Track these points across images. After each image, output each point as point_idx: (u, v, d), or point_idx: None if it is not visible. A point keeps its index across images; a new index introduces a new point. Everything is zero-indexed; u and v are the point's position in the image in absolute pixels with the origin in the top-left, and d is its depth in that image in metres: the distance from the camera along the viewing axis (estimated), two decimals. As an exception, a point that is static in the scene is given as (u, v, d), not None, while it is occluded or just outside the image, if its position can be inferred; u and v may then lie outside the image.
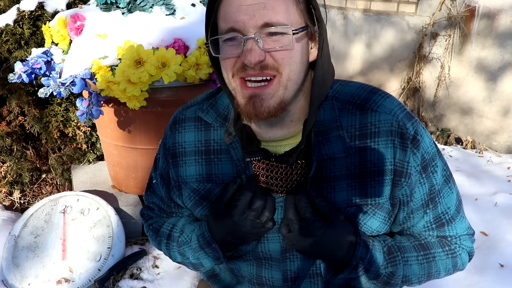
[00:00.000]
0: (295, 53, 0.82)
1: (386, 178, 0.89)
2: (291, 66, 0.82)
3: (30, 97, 2.38)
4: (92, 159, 2.55)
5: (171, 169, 1.03)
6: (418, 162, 0.90)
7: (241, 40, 0.80)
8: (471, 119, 3.88)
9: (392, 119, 0.88)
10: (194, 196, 1.00)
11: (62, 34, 1.88)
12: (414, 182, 0.90)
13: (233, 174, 0.96)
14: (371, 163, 0.88)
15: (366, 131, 0.88)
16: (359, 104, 0.90)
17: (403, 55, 4.13)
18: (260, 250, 0.98)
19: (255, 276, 1.02)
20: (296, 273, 0.98)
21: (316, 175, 0.90)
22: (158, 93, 1.83)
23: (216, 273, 1.16)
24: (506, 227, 2.36)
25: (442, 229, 0.97)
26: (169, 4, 1.89)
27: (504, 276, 2.03)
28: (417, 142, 0.89)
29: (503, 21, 3.56)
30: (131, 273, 1.94)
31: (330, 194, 0.90)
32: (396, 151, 0.88)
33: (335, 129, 0.89)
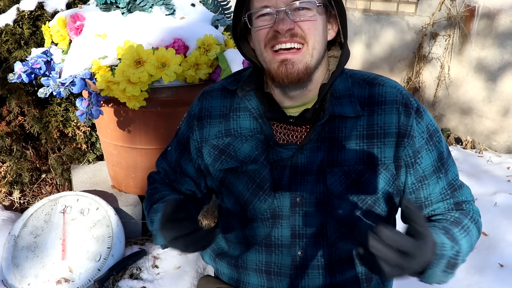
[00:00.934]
0: (318, 25, 0.96)
1: (391, 140, 0.99)
2: (315, 36, 0.95)
3: (29, 97, 2.38)
4: (91, 159, 2.55)
5: (195, 132, 1.11)
6: (423, 130, 1.01)
7: (274, 13, 0.94)
8: (471, 119, 3.88)
9: (397, 92, 1.01)
10: (214, 151, 1.08)
11: (61, 34, 1.88)
12: (419, 147, 1.00)
13: (250, 128, 1.05)
14: (377, 126, 0.99)
15: (374, 100, 1.01)
16: (368, 81, 1.03)
17: (403, 55, 4.13)
18: (277, 205, 1.03)
19: (265, 237, 1.07)
20: (304, 230, 1.03)
21: (329, 135, 1.00)
22: (157, 93, 1.83)
23: (224, 251, 1.19)
24: (506, 227, 2.36)
25: (456, 195, 1.05)
26: (169, 4, 1.89)
27: (504, 276, 2.03)
28: (420, 113, 1.01)
29: (502, 21, 3.56)
30: (131, 273, 1.94)
31: (340, 152, 1.00)
32: (400, 116, 0.99)
33: (347, 96, 1.01)
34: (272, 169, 1.02)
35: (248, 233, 1.10)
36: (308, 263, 1.05)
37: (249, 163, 1.04)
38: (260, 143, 1.04)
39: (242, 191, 1.06)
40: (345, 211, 1.01)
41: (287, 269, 1.07)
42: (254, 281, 1.12)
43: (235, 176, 1.06)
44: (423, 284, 0.96)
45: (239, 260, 1.13)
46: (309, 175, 1.01)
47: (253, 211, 1.06)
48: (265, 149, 1.03)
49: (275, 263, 1.08)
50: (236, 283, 1.17)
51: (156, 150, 2.08)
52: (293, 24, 0.93)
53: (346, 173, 0.99)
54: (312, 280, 1.06)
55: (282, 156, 1.02)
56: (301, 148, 1.00)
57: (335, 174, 0.99)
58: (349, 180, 0.99)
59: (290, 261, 1.06)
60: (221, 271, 1.20)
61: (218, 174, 1.09)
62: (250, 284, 1.13)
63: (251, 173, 1.04)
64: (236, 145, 1.06)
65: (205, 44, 1.80)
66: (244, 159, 1.04)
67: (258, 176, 1.03)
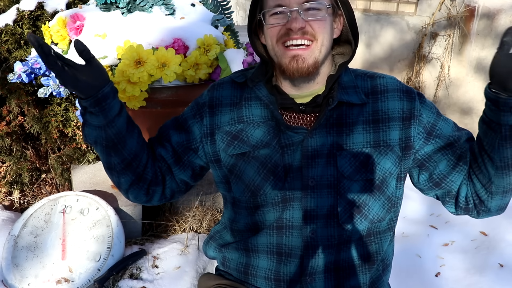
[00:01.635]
0: (327, 24, 1.05)
1: (396, 124, 1.07)
2: (324, 34, 1.04)
3: (29, 97, 2.38)
4: (91, 159, 2.55)
5: (205, 118, 1.16)
6: (430, 107, 1.11)
7: (287, 12, 1.02)
8: (470, 119, 3.88)
9: (397, 82, 1.12)
10: (227, 137, 1.13)
11: (61, 34, 1.88)
12: (432, 121, 1.10)
13: (262, 115, 1.11)
14: (382, 112, 1.08)
15: (377, 89, 1.10)
16: (369, 75, 1.14)
17: (402, 55, 4.13)
18: (288, 189, 1.08)
19: (277, 220, 1.09)
20: (315, 212, 1.07)
21: (337, 121, 1.08)
22: (157, 93, 1.83)
23: (230, 242, 1.22)
24: (505, 227, 2.36)
25: (468, 137, 1.18)
26: (169, 4, 1.89)
27: (503, 276, 2.04)
28: (422, 97, 1.11)
29: (502, 21, 3.56)
30: (131, 273, 1.94)
31: (348, 136, 1.07)
32: (403, 102, 1.08)
33: (352, 87, 1.10)
34: (283, 153, 1.07)
35: (257, 218, 1.13)
36: (318, 244, 1.08)
37: (261, 147, 1.09)
38: (271, 129, 1.09)
39: (253, 176, 1.10)
40: (355, 191, 1.07)
41: (298, 250, 1.09)
42: (264, 264, 1.14)
43: (246, 161, 1.10)
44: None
45: (249, 244, 1.15)
46: (320, 158, 1.06)
47: (263, 196, 1.09)
48: (277, 133, 1.08)
49: (286, 244, 1.10)
50: (244, 267, 1.18)
51: (156, 150, 2.08)
52: (304, 23, 1.02)
53: (355, 155, 1.06)
54: (320, 260, 1.09)
55: (293, 140, 1.07)
56: (311, 133, 1.06)
57: (345, 157, 1.06)
58: (358, 162, 1.06)
59: (301, 242, 1.09)
60: (228, 257, 1.22)
61: (229, 160, 1.13)
62: (259, 267, 1.15)
63: (262, 158, 1.09)
64: (248, 131, 1.11)
65: (205, 44, 1.80)
66: (256, 143, 1.10)
67: (270, 161, 1.08)
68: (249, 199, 1.12)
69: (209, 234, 1.32)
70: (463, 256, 2.20)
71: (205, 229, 2.29)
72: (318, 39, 1.04)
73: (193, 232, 2.26)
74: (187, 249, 2.10)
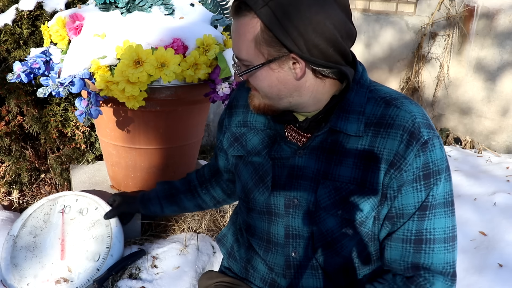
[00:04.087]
0: (258, 82, 0.97)
1: (383, 167, 0.94)
2: (261, 89, 0.98)
3: (29, 97, 2.38)
4: (91, 159, 2.54)
5: (226, 118, 1.22)
6: (418, 166, 0.93)
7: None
8: (470, 119, 3.88)
9: (410, 119, 0.94)
10: (231, 137, 1.17)
11: (61, 34, 1.88)
12: (405, 182, 0.94)
13: (264, 122, 1.11)
14: (377, 150, 0.95)
15: (383, 121, 0.95)
16: (387, 100, 0.97)
17: (402, 55, 4.14)
18: (273, 203, 1.07)
19: (266, 232, 1.11)
20: (297, 232, 1.06)
21: (330, 147, 1.00)
22: (157, 93, 1.83)
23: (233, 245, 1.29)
24: (505, 227, 2.36)
25: (419, 249, 0.96)
26: (168, 4, 1.89)
27: (503, 276, 2.04)
28: (425, 147, 0.93)
29: (502, 21, 3.56)
30: (130, 273, 1.94)
31: (337, 166, 0.98)
32: (400, 145, 0.93)
33: (357, 112, 0.97)
34: (274, 164, 1.07)
35: (250, 221, 1.15)
36: (301, 264, 1.07)
37: (254, 154, 1.10)
38: (267, 138, 1.09)
39: (247, 179, 1.12)
40: (330, 225, 1.01)
41: (280, 268, 1.10)
42: (261, 268, 1.16)
43: (243, 164, 1.13)
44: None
45: (249, 243, 1.19)
46: (304, 180, 1.02)
47: (253, 201, 1.11)
48: (270, 144, 1.08)
49: (270, 261, 1.12)
50: (245, 263, 1.21)
51: (155, 150, 2.08)
52: (240, 78, 0.99)
53: (337, 188, 0.98)
54: (306, 281, 1.08)
55: (282, 155, 1.05)
56: (301, 152, 1.02)
57: (326, 187, 0.99)
58: (338, 197, 0.98)
59: (283, 261, 1.09)
60: (235, 248, 1.26)
61: (232, 159, 1.19)
62: (257, 270, 1.17)
63: (255, 164, 1.10)
64: (248, 136, 1.13)
65: (204, 44, 1.80)
66: (251, 150, 1.11)
67: (262, 169, 1.08)
68: (244, 199, 1.15)
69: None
70: (462, 256, 2.20)
71: (204, 229, 2.29)
72: (259, 90, 0.99)
73: (192, 232, 2.26)
74: (186, 249, 2.10)
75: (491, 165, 3.38)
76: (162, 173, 2.15)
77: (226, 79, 1.85)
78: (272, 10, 0.87)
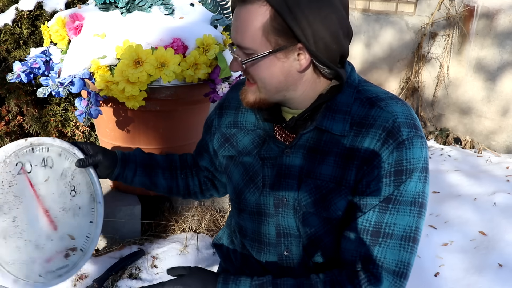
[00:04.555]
0: (260, 72, 0.95)
1: (358, 164, 0.95)
2: (260, 81, 0.97)
3: (28, 97, 2.38)
4: (91, 159, 2.55)
5: (216, 119, 1.20)
6: (391, 162, 0.92)
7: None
8: (470, 119, 3.88)
9: (390, 119, 0.94)
10: (221, 138, 1.16)
11: (60, 34, 1.88)
12: (375, 177, 0.93)
13: (254, 122, 1.10)
14: (356, 149, 0.95)
15: (365, 121, 0.96)
16: (372, 100, 0.98)
17: (402, 55, 4.14)
18: (263, 202, 1.07)
19: (257, 233, 1.11)
20: (288, 230, 1.05)
21: (315, 145, 1.00)
22: (157, 93, 1.83)
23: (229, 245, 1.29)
24: (505, 227, 2.36)
25: (375, 242, 0.94)
26: (168, 4, 1.89)
27: (503, 276, 2.04)
28: (402, 146, 0.92)
29: (502, 21, 3.56)
30: (130, 273, 1.94)
31: (319, 165, 0.99)
32: (377, 143, 0.93)
33: (343, 112, 0.98)
34: (263, 164, 1.07)
35: (241, 222, 1.15)
36: (294, 262, 1.08)
37: (244, 154, 1.10)
38: (257, 138, 1.09)
39: (238, 180, 1.12)
40: (312, 224, 1.01)
41: (275, 269, 1.10)
42: (257, 268, 1.15)
43: (234, 165, 1.13)
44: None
45: (242, 245, 1.19)
46: (291, 179, 1.02)
47: (244, 201, 1.11)
48: (260, 144, 1.08)
49: (264, 261, 1.12)
50: (241, 264, 1.20)
51: (155, 150, 2.08)
52: (241, 67, 0.97)
53: (318, 187, 0.98)
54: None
55: (271, 154, 1.06)
56: (288, 151, 1.02)
57: (308, 185, 0.99)
58: (318, 195, 0.98)
59: (276, 259, 1.09)
60: (231, 250, 1.25)
61: (222, 160, 1.17)
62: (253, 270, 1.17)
63: (246, 165, 1.10)
64: (239, 137, 1.12)
65: (204, 44, 1.80)
66: (242, 150, 1.11)
67: (252, 169, 1.08)
68: (236, 200, 1.14)
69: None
70: (462, 256, 2.20)
71: (204, 229, 2.29)
72: (257, 82, 0.97)
73: (192, 232, 2.26)
74: (186, 249, 2.10)
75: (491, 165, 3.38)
76: (162, 173, 2.15)
77: (226, 79, 1.85)
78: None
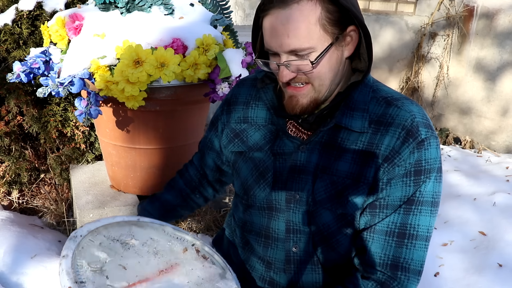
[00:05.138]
0: (322, 68, 0.93)
1: (378, 161, 0.96)
2: (319, 78, 0.95)
3: (28, 97, 2.38)
4: (90, 159, 2.54)
5: (224, 115, 1.19)
6: (411, 162, 0.95)
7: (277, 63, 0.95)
8: (469, 119, 3.88)
9: (409, 118, 0.96)
10: (230, 133, 1.15)
11: (60, 34, 1.88)
12: (395, 175, 0.95)
13: (265, 118, 1.10)
14: (375, 146, 0.96)
15: (383, 119, 0.97)
16: (388, 100, 1.00)
17: (401, 55, 4.14)
18: (274, 198, 1.07)
19: (265, 228, 1.10)
20: (298, 227, 1.05)
21: (331, 142, 1.00)
22: (156, 93, 1.83)
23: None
24: (504, 227, 2.36)
25: (401, 243, 0.96)
26: (168, 4, 1.89)
27: (502, 276, 2.04)
28: (421, 145, 0.94)
29: (501, 21, 3.56)
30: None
31: (336, 161, 0.99)
32: (397, 141, 0.95)
33: (361, 110, 0.99)
34: (275, 160, 1.06)
35: (247, 218, 1.14)
36: (301, 259, 1.07)
37: (255, 150, 1.10)
38: (269, 134, 1.09)
39: (247, 176, 1.11)
40: (325, 219, 1.02)
41: (281, 263, 1.10)
42: (259, 267, 1.15)
43: (243, 160, 1.13)
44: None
45: (245, 242, 1.18)
46: (305, 175, 1.03)
47: (253, 197, 1.11)
48: (272, 139, 1.08)
49: (270, 256, 1.11)
50: (243, 264, 1.20)
51: (155, 150, 2.08)
52: (293, 75, 0.94)
53: (334, 183, 0.99)
54: (306, 276, 1.08)
55: (284, 150, 1.05)
56: (303, 147, 1.03)
57: (323, 181, 1.00)
58: (334, 191, 0.99)
59: (284, 256, 1.09)
60: (231, 251, 1.26)
61: (230, 156, 1.17)
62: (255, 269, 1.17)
63: (256, 160, 1.09)
64: (249, 132, 1.12)
65: (204, 44, 1.79)
66: (252, 145, 1.10)
67: (262, 165, 1.08)
68: (243, 196, 1.15)
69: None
70: (462, 256, 2.20)
71: (204, 229, 2.29)
72: (313, 83, 0.96)
73: (192, 232, 2.26)
74: (186, 249, 2.10)
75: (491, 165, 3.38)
76: (162, 173, 2.15)
77: (225, 79, 1.85)
78: None
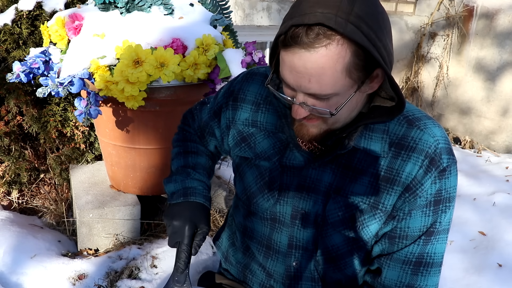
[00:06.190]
0: (341, 112, 0.85)
1: (398, 189, 0.92)
2: (339, 116, 0.87)
3: (28, 97, 2.37)
4: (90, 159, 2.54)
5: (228, 110, 1.10)
6: (432, 192, 0.92)
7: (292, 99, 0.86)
8: (469, 119, 3.88)
9: (432, 144, 0.91)
10: (238, 136, 1.08)
11: (60, 34, 1.88)
12: (416, 206, 0.92)
13: (276, 124, 1.02)
14: (396, 172, 0.91)
15: (405, 142, 0.91)
16: (410, 119, 0.93)
17: (401, 55, 4.14)
18: (278, 211, 1.02)
19: (266, 238, 1.07)
20: (301, 243, 1.02)
21: (347, 162, 0.94)
22: (156, 93, 1.83)
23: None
24: (504, 227, 2.36)
25: (417, 271, 0.96)
26: (167, 4, 1.89)
27: (502, 276, 2.04)
28: (443, 174, 0.91)
29: (501, 21, 3.56)
30: (129, 273, 1.94)
31: (351, 182, 0.94)
32: (419, 170, 0.90)
33: (381, 131, 0.93)
34: (283, 172, 1.01)
35: (248, 224, 1.12)
36: (301, 275, 1.06)
37: (262, 159, 1.04)
38: (278, 143, 1.02)
39: (251, 183, 1.07)
40: (335, 241, 0.99)
41: (280, 277, 1.08)
42: (259, 274, 1.14)
43: (248, 166, 1.07)
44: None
45: (246, 248, 1.16)
46: (315, 193, 0.98)
47: (256, 205, 1.07)
48: (281, 150, 1.01)
49: (270, 268, 1.09)
50: (243, 267, 1.19)
51: (155, 150, 2.08)
52: (308, 113, 0.86)
53: (349, 205, 0.95)
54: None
55: (294, 163, 0.99)
56: (315, 163, 0.97)
57: (337, 202, 0.96)
58: (348, 214, 0.96)
59: (284, 270, 1.07)
60: (231, 253, 1.23)
61: (235, 158, 1.12)
62: (255, 275, 1.15)
63: (262, 169, 1.04)
64: (257, 138, 1.05)
65: (204, 44, 1.79)
66: (260, 153, 1.04)
67: (268, 175, 1.03)
68: (245, 202, 1.11)
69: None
70: (461, 256, 2.20)
71: (204, 229, 2.28)
72: (327, 121, 0.89)
73: (192, 232, 2.26)
74: (186, 249, 2.10)
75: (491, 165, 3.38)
76: (162, 173, 2.15)
77: (225, 79, 1.85)
78: (356, 25, 0.74)
